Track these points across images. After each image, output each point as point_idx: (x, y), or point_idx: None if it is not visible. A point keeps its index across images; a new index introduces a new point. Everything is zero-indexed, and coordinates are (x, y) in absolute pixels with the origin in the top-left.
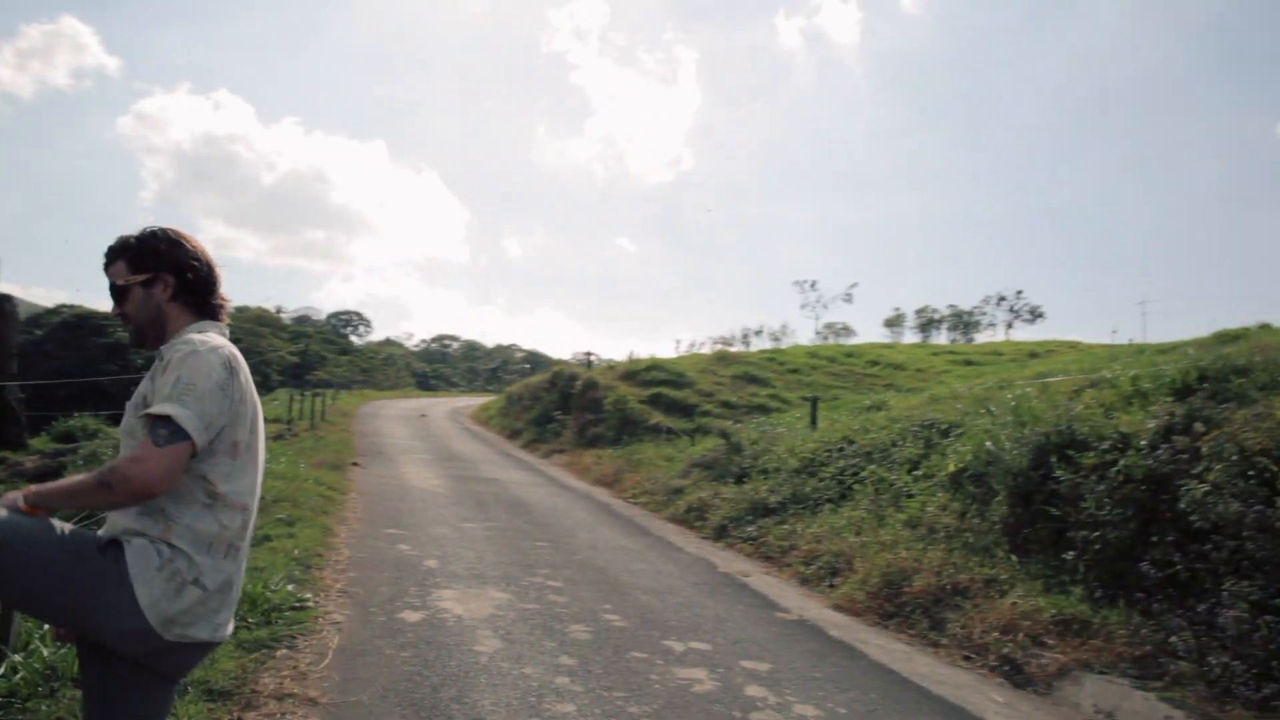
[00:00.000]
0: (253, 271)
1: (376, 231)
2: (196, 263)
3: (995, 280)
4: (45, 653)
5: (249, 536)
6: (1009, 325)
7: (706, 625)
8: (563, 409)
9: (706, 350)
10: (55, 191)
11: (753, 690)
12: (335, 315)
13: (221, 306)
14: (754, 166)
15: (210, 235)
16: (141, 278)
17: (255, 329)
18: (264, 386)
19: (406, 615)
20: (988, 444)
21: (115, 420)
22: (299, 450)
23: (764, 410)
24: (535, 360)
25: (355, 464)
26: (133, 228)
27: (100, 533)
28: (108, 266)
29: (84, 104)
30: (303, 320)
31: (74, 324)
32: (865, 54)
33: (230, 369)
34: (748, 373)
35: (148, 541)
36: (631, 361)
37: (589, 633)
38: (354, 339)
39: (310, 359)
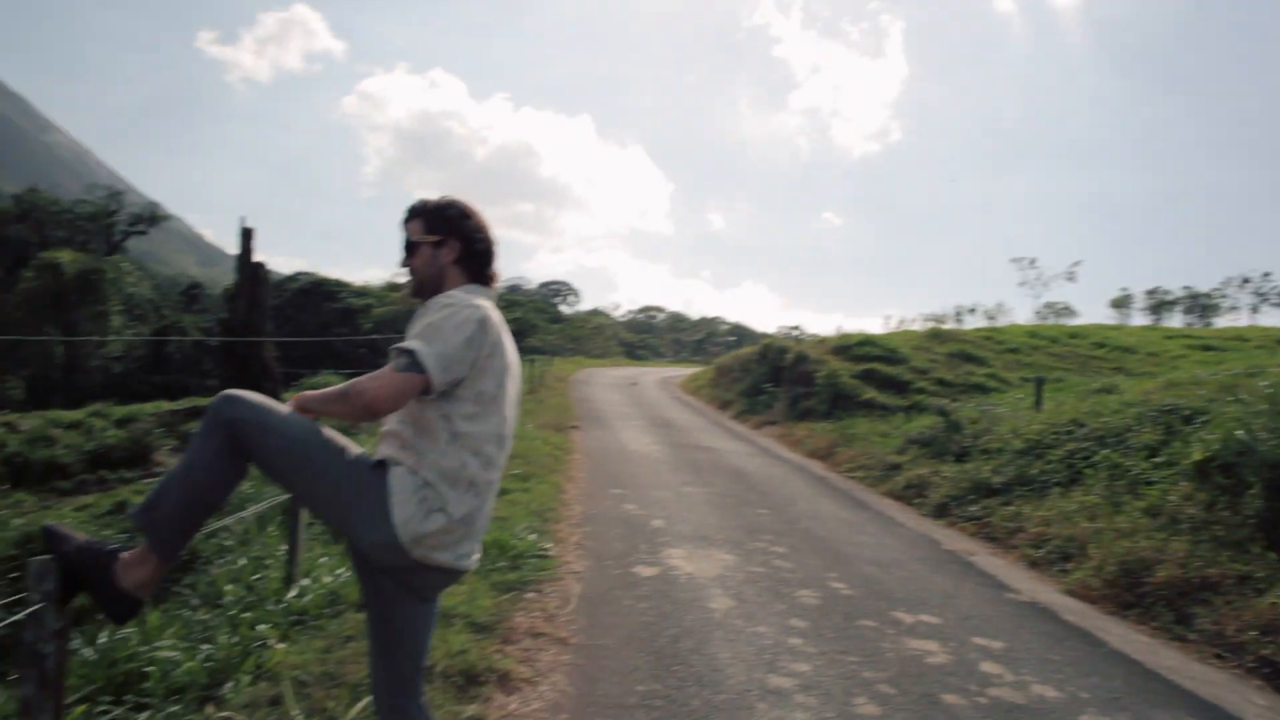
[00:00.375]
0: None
1: (583, 204)
2: (480, 236)
3: (1237, 261)
4: (327, 580)
5: (494, 479)
6: (1254, 309)
7: (934, 600)
8: (773, 382)
9: (917, 327)
10: (289, 168)
11: (987, 666)
12: (545, 285)
13: (494, 278)
14: (966, 139)
15: None
16: (433, 239)
17: None
18: None
19: (640, 570)
20: (1239, 433)
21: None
22: (525, 412)
23: (981, 389)
24: (740, 333)
25: (575, 427)
26: (359, 202)
27: (374, 456)
28: (405, 223)
29: (314, 85)
30: (514, 289)
31: (310, 290)
32: (1088, 20)
33: (481, 326)
34: (963, 351)
35: (406, 470)
36: (842, 336)
37: (817, 598)
38: (563, 308)
39: (523, 326)
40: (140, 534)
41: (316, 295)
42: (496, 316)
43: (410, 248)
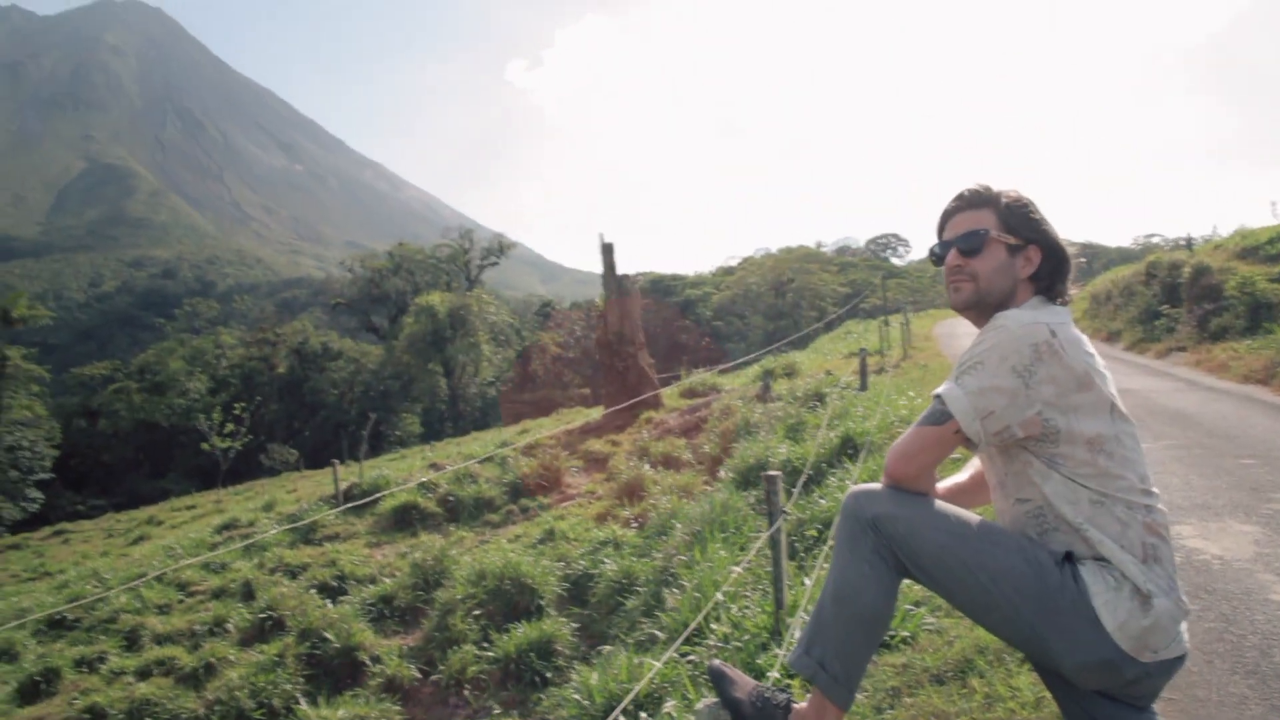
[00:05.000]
0: (784, 212)
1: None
2: (1061, 244)
3: None
4: None
5: (1165, 523)
6: None
7: None
8: (1169, 302)
9: None
10: (610, 173)
11: None
12: (873, 240)
13: (1068, 296)
14: None
15: (741, 188)
16: (1012, 240)
17: (804, 266)
18: (823, 321)
19: None
20: None
21: (722, 371)
22: (912, 382)
23: None
24: (1091, 253)
25: None
26: (678, 194)
27: (1052, 546)
28: (963, 210)
29: (619, 89)
30: (843, 250)
31: (648, 288)
32: None
33: (1040, 352)
34: None
35: (1093, 561)
36: (1243, 235)
37: None
38: (895, 261)
39: (859, 287)
40: (808, 682)
41: (655, 292)
42: (1072, 334)
43: (974, 245)
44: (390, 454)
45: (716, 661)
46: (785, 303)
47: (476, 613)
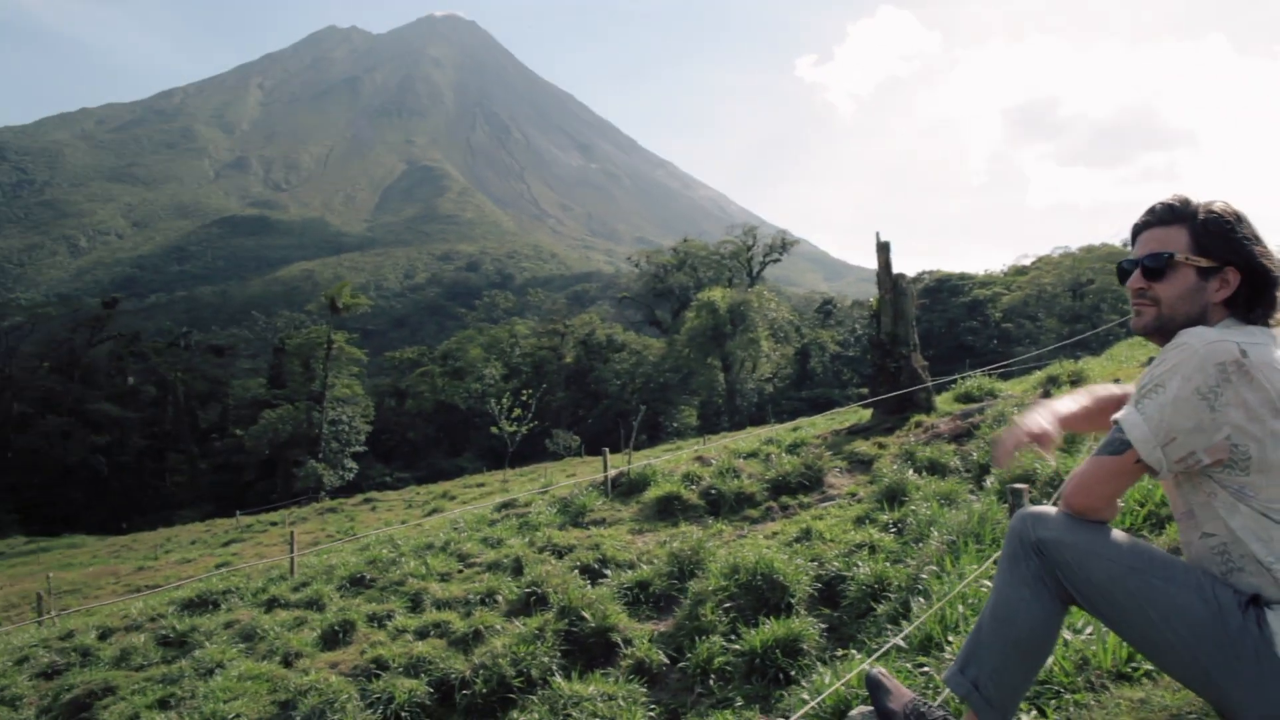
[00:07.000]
0: (1093, 210)
1: (1223, 140)
2: (1266, 269)
3: None
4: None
5: None
6: None
7: None
8: None
9: None
10: (896, 169)
11: None
12: None
13: (1274, 317)
14: None
15: (1044, 182)
16: (1204, 263)
17: (1106, 266)
18: (1118, 322)
19: None
20: None
21: (1005, 375)
22: None
23: None
24: None
25: None
26: (970, 190)
27: (1238, 586)
28: (1152, 227)
29: (911, 84)
30: None
31: (934, 287)
32: None
33: (1226, 372)
34: None
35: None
36: None
37: None
38: None
39: None
40: (964, 701)
41: (942, 291)
42: (1270, 355)
43: (1158, 266)
44: (666, 444)
45: (875, 670)
46: (1083, 305)
47: (727, 605)
